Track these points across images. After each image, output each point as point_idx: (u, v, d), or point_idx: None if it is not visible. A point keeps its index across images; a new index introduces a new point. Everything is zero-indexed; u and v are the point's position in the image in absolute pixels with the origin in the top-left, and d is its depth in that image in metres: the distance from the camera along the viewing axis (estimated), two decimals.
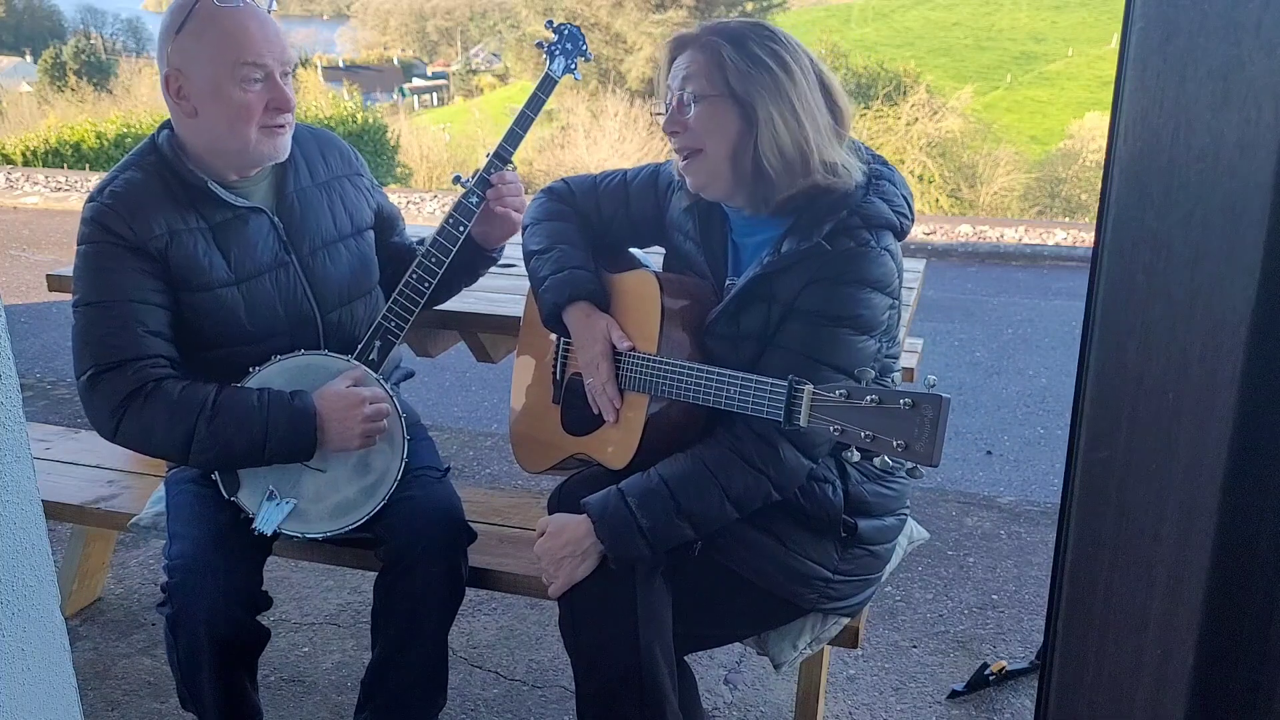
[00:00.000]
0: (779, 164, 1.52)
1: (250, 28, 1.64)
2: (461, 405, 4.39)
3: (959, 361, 5.01)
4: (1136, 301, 0.71)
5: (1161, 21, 0.68)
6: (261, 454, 1.66)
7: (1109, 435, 0.75)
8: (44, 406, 4.01)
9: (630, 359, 1.63)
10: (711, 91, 1.54)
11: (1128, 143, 0.71)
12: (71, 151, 12.69)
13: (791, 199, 1.55)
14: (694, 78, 1.55)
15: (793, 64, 1.53)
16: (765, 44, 1.53)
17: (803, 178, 1.53)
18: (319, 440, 1.69)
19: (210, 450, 1.65)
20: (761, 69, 1.51)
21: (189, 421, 1.63)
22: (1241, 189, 0.62)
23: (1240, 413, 0.63)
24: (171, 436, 1.64)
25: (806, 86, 1.53)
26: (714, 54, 1.53)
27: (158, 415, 1.63)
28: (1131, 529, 0.74)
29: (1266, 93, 0.60)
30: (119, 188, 1.69)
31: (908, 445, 1.28)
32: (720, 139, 1.55)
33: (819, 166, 1.53)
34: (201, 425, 1.63)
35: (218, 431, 1.64)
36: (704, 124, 1.55)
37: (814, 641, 1.71)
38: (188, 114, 1.68)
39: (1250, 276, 0.61)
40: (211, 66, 1.63)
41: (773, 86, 1.51)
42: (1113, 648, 0.77)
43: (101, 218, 1.66)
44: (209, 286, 1.70)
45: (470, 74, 49.43)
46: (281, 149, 1.73)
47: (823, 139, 1.53)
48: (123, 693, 2.23)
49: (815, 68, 1.57)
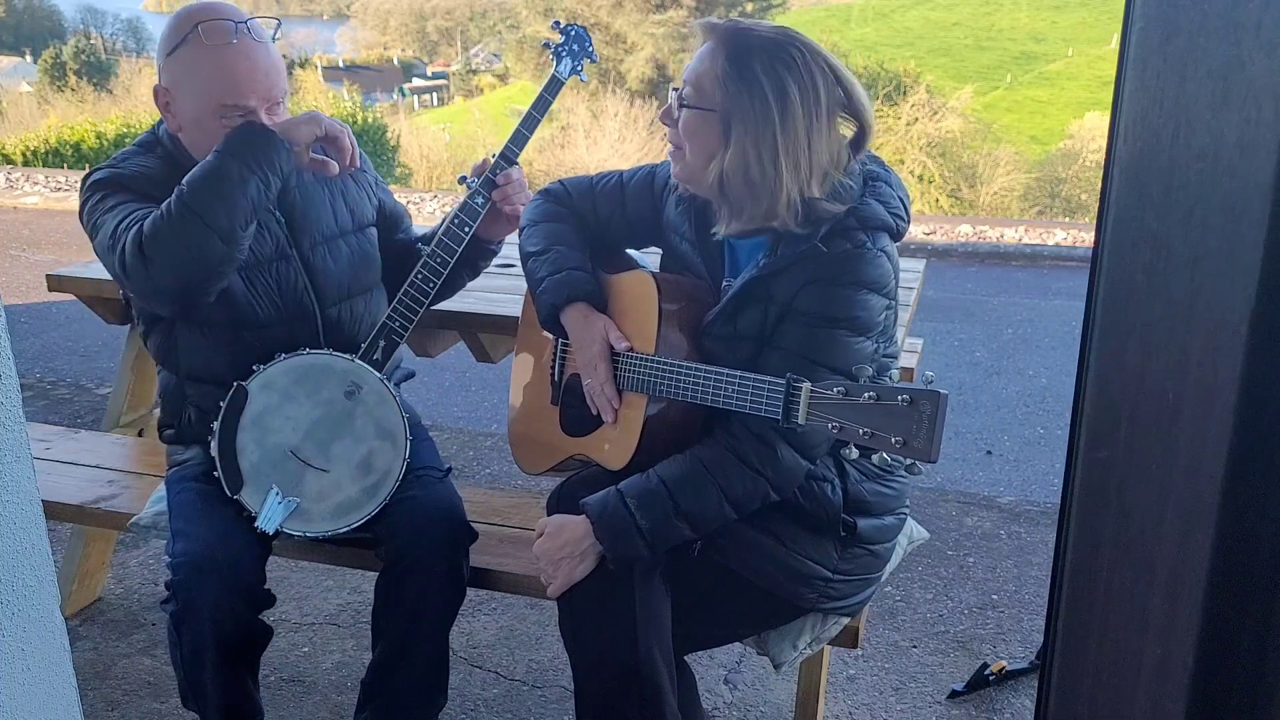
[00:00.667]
0: (743, 192, 1.51)
1: (238, 68, 1.67)
2: (461, 405, 4.39)
3: (959, 361, 5.01)
4: (1136, 301, 0.71)
5: (1161, 21, 0.68)
6: (229, 171, 1.60)
7: (1109, 435, 0.75)
8: (44, 406, 4.01)
9: (628, 359, 1.63)
10: (701, 102, 1.53)
11: (1128, 143, 0.71)
12: (71, 151, 12.70)
13: (759, 230, 1.55)
14: (694, 80, 1.54)
15: (796, 96, 1.46)
16: (774, 68, 1.47)
17: (766, 215, 1.51)
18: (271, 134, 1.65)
19: (193, 201, 1.59)
20: (754, 96, 1.47)
21: (169, 199, 1.60)
22: (1241, 189, 0.62)
23: (1240, 413, 0.63)
24: (166, 214, 1.60)
25: (803, 121, 1.47)
26: (717, 64, 1.51)
27: (157, 222, 1.60)
28: (1131, 529, 0.74)
29: (1266, 93, 0.60)
30: (124, 168, 1.74)
31: (906, 441, 1.28)
32: (699, 148, 1.55)
33: (784, 207, 1.49)
34: (181, 190, 1.60)
35: (192, 180, 1.60)
36: (688, 129, 1.56)
37: (814, 641, 1.71)
38: (173, 127, 1.75)
39: (1250, 276, 0.61)
40: (194, 99, 1.69)
41: (757, 117, 1.47)
42: (1113, 648, 0.77)
43: (109, 178, 1.71)
44: None
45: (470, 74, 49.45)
46: None
47: (800, 179, 1.48)
48: (123, 693, 2.23)
49: (838, 95, 1.50)
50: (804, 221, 1.51)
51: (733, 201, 1.54)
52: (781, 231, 1.53)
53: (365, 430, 1.77)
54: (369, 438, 1.77)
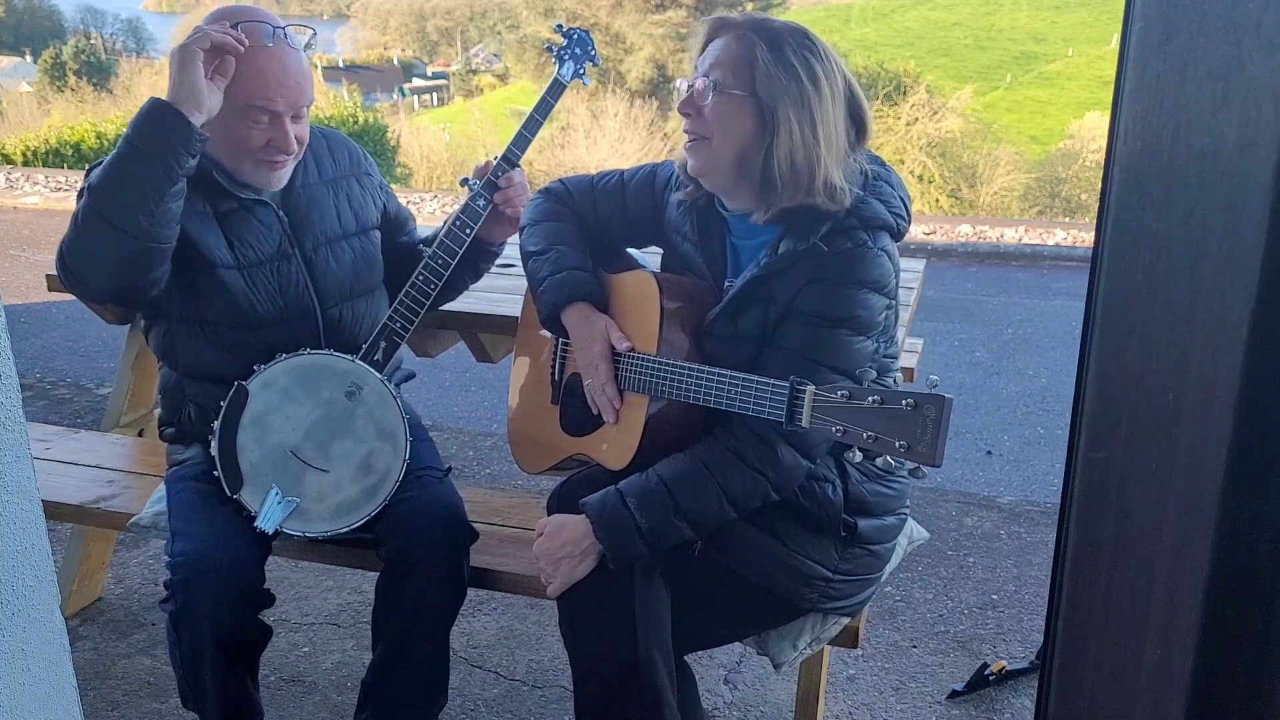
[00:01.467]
0: (788, 174, 1.52)
1: (269, 71, 1.66)
2: (461, 405, 4.39)
3: (959, 361, 5.01)
4: (1136, 301, 0.71)
5: (1161, 21, 0.68)
6: (136, 151, 1.57)
7: (1109, 435, 0.75)
8: (44, 406, 4.01)
9: (629, 359, 1.63)
10: (735, 87, 1.53)
11: (1128, 143, 0.71)
12: (72, 152, 12.69)
13: (787, 211, 1.55)
14: (722, 67, 1.54)
15: (823, 79, 1.51)
16: (801, 53, 1.51)
17: (805, 193, 1.52)
18: (172, 88, 1.59)
19: (103, 195, 1.57)
20: (792, 78, 1.50)
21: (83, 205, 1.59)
22: (1241, 189, 0.62)
23: (1240, 413, 0.63)
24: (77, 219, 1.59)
25: (831, 104, 1.52)
26: (748, 50, 1.52)
27: (74, 242, 1.60)
28: (1131, 529, 0.74)
29: (1266, 93, 0.60)
30: None
31: (910, 446, 1.28)
32: (729, 136, 1.54)
33: (821, 187, 1.52)
34: (91, 182, 1.59)
35: (102, 171, 1.59)
36: (718, 116, 1.55)
37: (814, 641, 1.71)
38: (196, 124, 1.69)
39: (1250, 276, 0.61)
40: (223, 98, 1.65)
41: (799, 98, 1.50)
42: (1113, 648, 0.77)
43: None
44: (210, 265, 1.71)
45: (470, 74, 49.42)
46: (276, 181, 1.76)
47: (832, 159, 1.52)
48: (123, 693, 2.23)
49: (847, 84, 1.56)
50: (829, 199, 1.52)
51: (775, 182, 1.53)
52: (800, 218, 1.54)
53: (365, 431, 1.77)
54: (369, 438, 1.77)
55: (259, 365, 1.73)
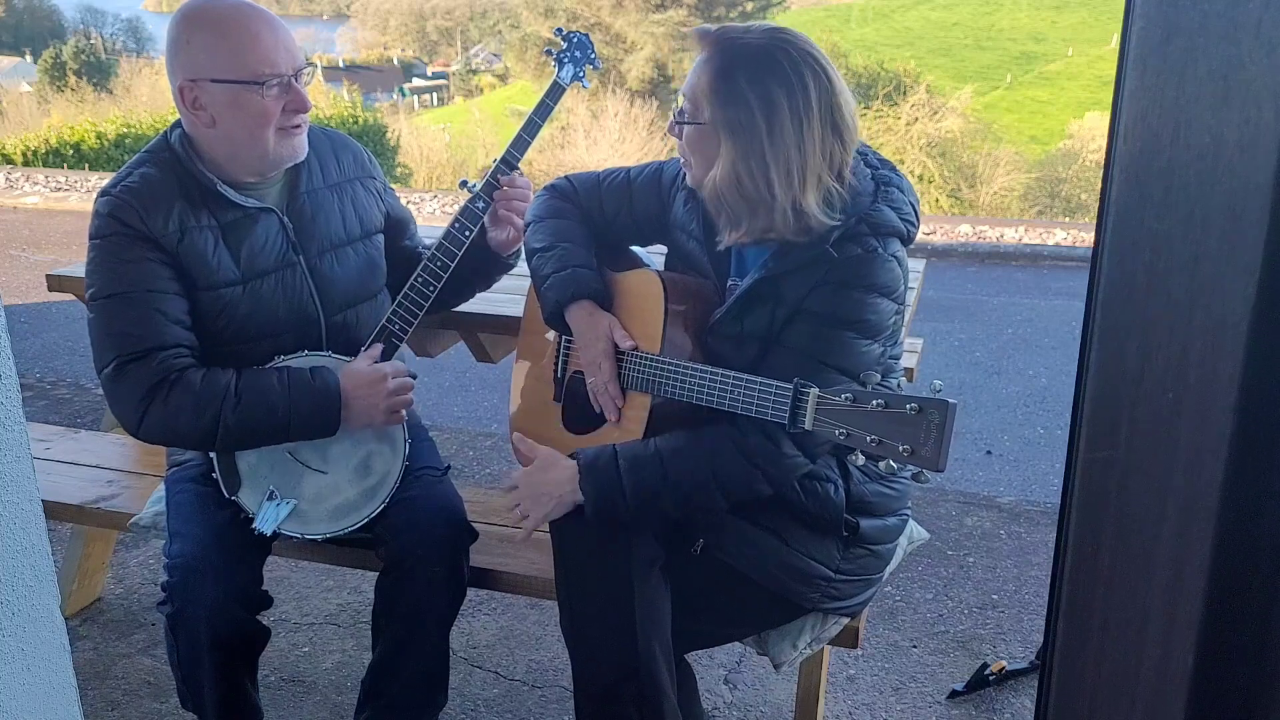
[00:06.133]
0: (738, 204, 1.52)
1: (262, 34, 1.64)
2: (461, 405, 4.39)
3: (959, 361, 5.01)
4: (1136, 301, 0.71)
5: (1161, 21, 0.67)
6: (286, 435, 1.68)
7: (1109, 435, 0.75)
8: (44, 406, 4.01)
9: (633, 358, 1.63)
10: (698, 117, 1.54)
11: (1128, 143, 0.71)
12: (72, 152, 12.69)
13: (760, 242, 1.55)
14: (690, 95, 1.55)
15: (784, 102, 1.45)
16: (759, 78, 1.46)
17: (764, 226, 1.51)
18: (343, 418, 1.69)
19: (235, 436, 1.65)
20: (739, 108, 1.47)
21: (214, 409, 1.63)
22: (1241, 189, 0.62)
23: (1240, 413, 0.63)
24: (198, 425, 1.63)
25: (792, 130, 1.45)
26: (708, 78, 1.51)
27: (183, 405, 1.63)
28: (1131, 529, 0.74)
29: (1266, 93, 0.60)
30: (134, 182, 1.69)
31: (914, 450, 1.28)
32: (700, 162, 1.56)
33: (781, 217, 1.49)
34: (227, 412, 1.63)
35: (244, 418, 1.64)
36: (689, 143, 1.57)
37: (814, 641, 1.71)
38: (205, 124, 1.68)
39: (1250, 276, 0.61)
40: (227, 76, 1.63)
41: (745, 130, 1.47)
42: (1113, 648, 0.77)
43: (116, 211, 1.66)
44: (214, 286, 1.70)
45: (470, 74, 49.43)
46: (299, 149, 1.74)
47: (796, 189, 1.48)
48: (123, 693, 2.23)
49: (829, 101, 1.48)
50: (798, 231, 1.51)
51: (730, 213, 1.54)
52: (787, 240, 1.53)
53: (364, 433, 1.76)
54: (367, 440, 1.77)
55: (258, 367, 1.73)
